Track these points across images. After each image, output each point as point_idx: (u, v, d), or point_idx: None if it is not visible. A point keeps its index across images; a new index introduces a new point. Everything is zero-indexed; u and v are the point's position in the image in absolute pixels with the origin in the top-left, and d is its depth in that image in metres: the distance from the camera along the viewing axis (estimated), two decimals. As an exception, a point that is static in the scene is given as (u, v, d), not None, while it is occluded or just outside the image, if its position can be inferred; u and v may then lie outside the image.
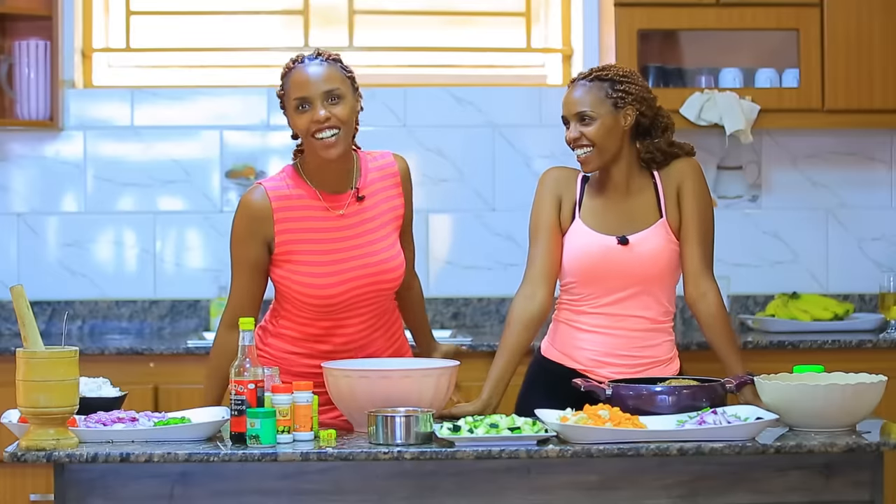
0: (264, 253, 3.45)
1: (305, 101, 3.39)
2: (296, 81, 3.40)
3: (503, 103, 5.39)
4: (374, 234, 3.49)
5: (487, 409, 3.49)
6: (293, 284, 3.45)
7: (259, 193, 3.45)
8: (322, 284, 3.43)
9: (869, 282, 5.33)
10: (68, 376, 3.06)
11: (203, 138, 5.36)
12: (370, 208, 3.50)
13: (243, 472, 3.08)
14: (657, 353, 3.61)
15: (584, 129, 3.55)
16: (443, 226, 5.38)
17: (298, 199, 3.46)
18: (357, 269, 3.46)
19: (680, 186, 3.60)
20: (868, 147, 5.42)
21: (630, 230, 3.58)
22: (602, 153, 3.56)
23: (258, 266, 3.46)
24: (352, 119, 3.42)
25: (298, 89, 3.39)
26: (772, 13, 5.08)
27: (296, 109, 3.40)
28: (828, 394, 3.17)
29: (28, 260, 5.31)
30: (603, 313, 3.59)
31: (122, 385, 3.47)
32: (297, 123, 3.41)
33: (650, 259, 3.56)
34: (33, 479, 4.70)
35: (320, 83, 3.38)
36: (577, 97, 3.57)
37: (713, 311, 3.59)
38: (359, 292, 3.47)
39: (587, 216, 3.61)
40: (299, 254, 3.44)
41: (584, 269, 3.58)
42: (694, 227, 3.59)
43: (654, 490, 3.12)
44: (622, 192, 3.61)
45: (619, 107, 3.56)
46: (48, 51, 5.16)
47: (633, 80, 3.59)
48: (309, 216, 3.45)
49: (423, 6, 5.59)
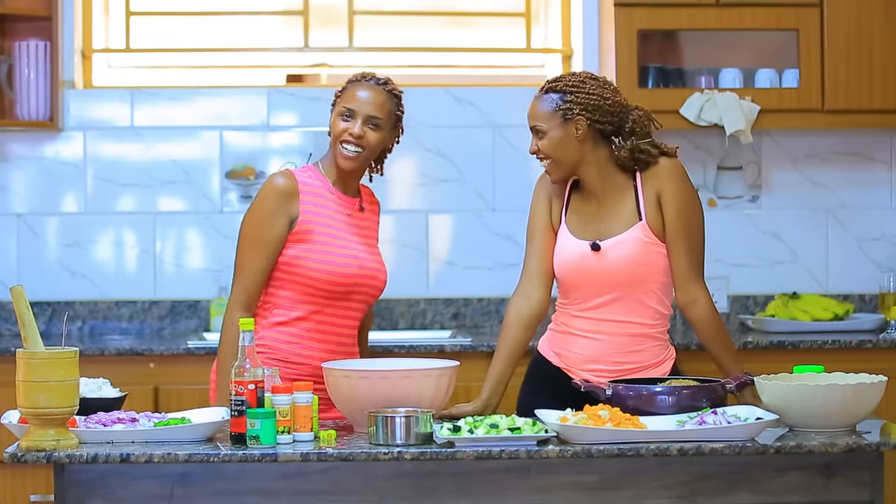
0: (285, 230, 3.63)
1: (351, 113, 3.63)
2: (353, 94, 3.67)
3: (503, 103, 5.39)
4: (371, 241, 3.76)
5: (487, 409, 3.49)
6: (308, 262, 3.60)
7: (285, 174, 3.68)
8: (338, 263, 3.61)
9: (869, 282, 5.33)
10: (68, 377, 3.06)
11: (203, 139, 5.36)
12: (366, 219, 3.76)
13: (243, 472, 3.08)
14: (643, 358, 3.58)
15: (539, 142, 3.56)
16: (443, 226, 5.38)
17: (318, 188, 3.68)
18: (368, 261, 3.68)
19: (660, 190, 3.55)
20: (868, 147, 5.42)
21: (607, 234, 3.56)
22: (559, 164, 3.56)
23: (278, 244, 3.63)
24: (377, 148, 3.68)
25: (351, 101, 3.65)
26: (772, 13, 5.08)
27: (340, 115, 3.66)
28: (828, 394, 3.17)
29: (28, 260, 5.31)
30: (588, 317, 3.58)
31: (123, 386, 3.47)
32: (335, 126, 3.67)
33: (622, 265, 3.53)
34: (33, 480, 4.70)
35: (371, 106, 3.65)
36: (531, 111, 3.58)
37: (705, 317, 3.57)
38: (364, 282, 3.66)
39: (571, 221, 3.61)
40: (318, 234, 3.63)
41: (564, 274, 3.60)
42: (678, 231, 3.54)
43: (654, 490, 3.12)
44: (598, 196, 3.59)
45: (568, 118, 3.52)
46: (48, 51, 5.16)
47: (584, 88, 3.53)
48: (326, 204, 3.68)
49: (423, 6, 5.59)
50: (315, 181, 3.68)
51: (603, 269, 3.54)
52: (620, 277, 3.54)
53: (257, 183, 5.32)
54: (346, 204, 3.70)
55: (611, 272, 3.53)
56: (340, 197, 3.70)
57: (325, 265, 3.60)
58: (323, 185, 3.68)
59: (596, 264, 3.54)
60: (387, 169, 3.83)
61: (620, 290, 3.55)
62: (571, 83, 3.55)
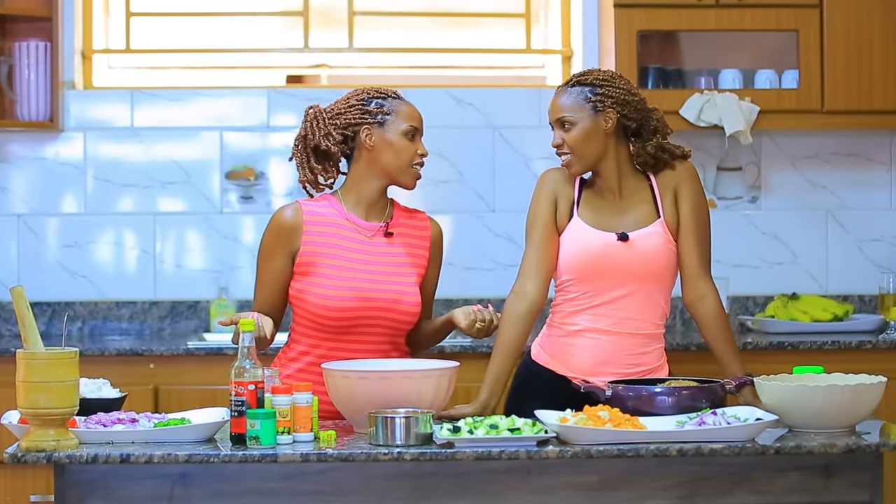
0: (288, 266, 3.54)
1: (416, 132, 3.59)
2: (408, 111, 3.60)
3: (503, 104, 5.39)
4: (395, 267, 3.59)
5: (486, 409, 3.48)
6: (308, 296, 3.51)
7: (293, 207, 3.59)
8: (337, 297, 3.49)
9: (868, 283, 5.33)
10: (68, 377, 3.06)
11: (203, 139, 5.36)
12: (396, 246, 3.62)
13: (243, 473, 3.08)
14: (649, 360, 3.60)
15: (564, 134, 3.57)
16: (443, 227, 5.33)
17: (331, 216, 3.58)
18: (374, 290, 3.53)
19: (677, 189, 3.61)
20: (867, 148, 5.42)
21: (629, 228, 3.58)
22: (582, 158, 3.57)
23: (280, 278, 3.54)
24: None
25: (413, 119, 3.59)
26: (771, 14, 5.08)
27: (405, 134, 3.57)
28: (827, 395, 3.17)
29: (28, 261, 5.31)
30: (599, 314, 3.58)
31: (122, 386, 3.47)
32: (403, 146, 3.57)
33: (650, 256, 3.56)
34: (33, 480, 4.70)
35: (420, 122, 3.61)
36: (559, 104, 3.59)
37: (712, 314, 3.60)
38: (372, 314, 3.52)
39: (586, 214, 3.61)
40: (320, 266, 3.52)
41: (584, 265, 3.58)
42: (692, 229, 3.59)
43: (653, 491, 3.12)
44: (615, 193, 3.61)
45: (599, 110, 3.56)
46: (48, 52, 5.16)
47: (615, 83, 3.59)
48: (337, 233, 3.56)
49: (422, 7, 5.60)
50: (328, 209, 3.57)
51: (631, 260, 3.54)
52: (645, 269, 3.55)
53: (257, 183, 5.33)
54: (366, 230, 3.58)
55: (638, 263, 3.54)
56: (359, 224, 3.58)
57: (321, 299, 3.49)
58: (338, 213, 3.57)
59: (624, 254, 3.54)
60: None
61: (641, 282, 3.56)
62: (602, 77, 3.59)
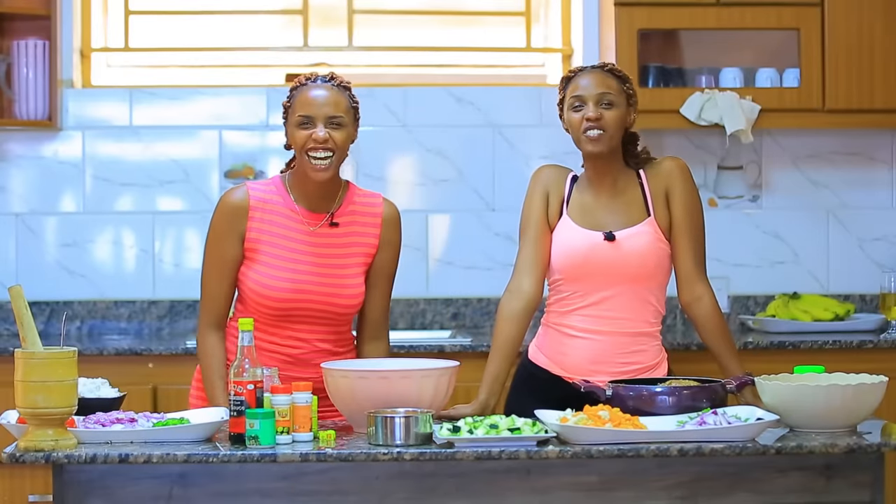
0: (239, 250, 3.53)
1: (309, 119, 3.48)
2: (305, 99, 3.50)
3: (503, 103, 5.39)
4: (337, 259, 3.56)
5: (485, 410, 3.48)
6: (249, 282, 3.52)
7: (240, 191, 3.56)
8: (275, 287, 3.49)
9: (870, 282, 5.32)
10: (67, 377, 3.05)
11: (202, 138, 5.36)
12: (341, 236, 3.58)
13: (242, 472, 3.08)
14: (644, 358, 3.59)
15: (605, 111, 3.55)
16: (442, 226, 5.37)
17: (277, 204, 3.55)
18: (311, 283, 3.52)
19: (668, 187, 3.60)
20: (869, 147, 5.41)
21: (617, 227, 3.57)
22: (612, 139, 3.57)
23: (233, 263, 3.54)
24: (346, 146, 3.53)
25: (305, 107, 3.49)
26: (772, 13, 5.08)
27: (298, 124, 3.49)
28: (828, 394, 3.17)
29: (26, 260, 5.30)
30: (589, 314, 3.57)
31: (121, 386, 3.47)
32: (295, 137, 3.51)
33: (637, 256, 3.55)
34: (32, 480, 4.69)
35: (327, 107, 3.48)
36: (606, 83, 3.57)
37: (709, 315, 3.59)
38: (308, 305, 3.52)
39: (574, 212, 3.61)
40: (262, 254, 3.52)
41: (571, 264, 3.57)
42: (685, 229, 3.58)
43: (654, 491, 3.11)
44: (609, 189, 3.61)
45: (630, 104, 3.60)
46: (47, 50, 5.15)
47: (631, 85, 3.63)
48: (281, 222, 3.54)
49: (422, 6, 5.59)
50: (274, 196, 3.54)
51: (615, 260, 3.53)
52: (632, 269, 3.54)
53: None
54: (310, 220, 3.54)
55: (624, 263, 3.53)
56: (303, 213, 3.54)
57: (258, 286, 3.49)
58: (282, 201, 3.54)
59: (610, 254, 3.54)
60: (386, 169, 3.82)
61: (627, 283, 3.55)
62: (624, 75, 3.62)
